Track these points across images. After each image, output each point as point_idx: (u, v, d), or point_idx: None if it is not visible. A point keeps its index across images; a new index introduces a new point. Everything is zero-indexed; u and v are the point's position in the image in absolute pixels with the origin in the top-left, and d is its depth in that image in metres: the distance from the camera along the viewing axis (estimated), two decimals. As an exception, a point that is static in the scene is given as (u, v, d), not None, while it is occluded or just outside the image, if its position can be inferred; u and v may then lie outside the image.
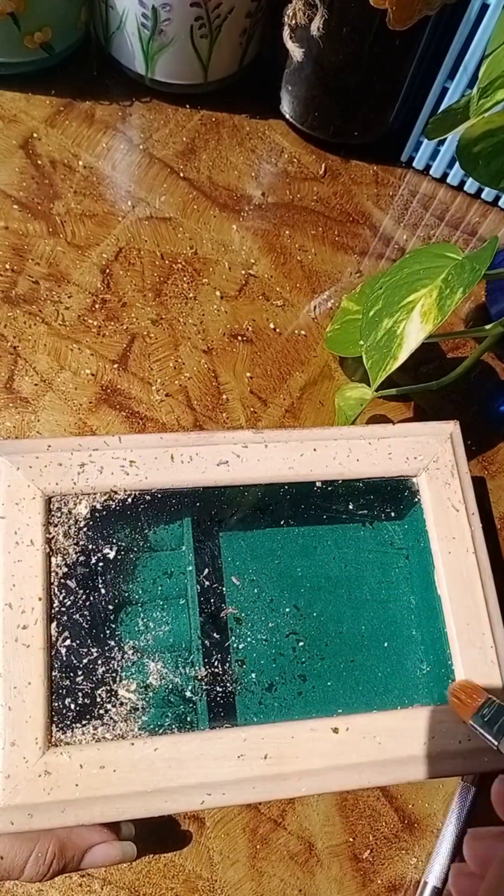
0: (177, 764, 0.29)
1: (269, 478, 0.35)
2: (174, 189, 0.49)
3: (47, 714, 0.29)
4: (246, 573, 0.35)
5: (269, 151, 0.52)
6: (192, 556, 0.35)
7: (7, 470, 0.32)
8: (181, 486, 0.34)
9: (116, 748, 0.29)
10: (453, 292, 0.32)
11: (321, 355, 0.46)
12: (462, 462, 0.37)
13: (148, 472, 0.34)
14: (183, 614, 0.34)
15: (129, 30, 0.47)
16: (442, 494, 0.36)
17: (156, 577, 0.34)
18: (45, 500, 0.32)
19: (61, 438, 0.34)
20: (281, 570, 0.36)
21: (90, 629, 0.32)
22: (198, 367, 0.44)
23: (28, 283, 0.44)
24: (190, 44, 0.47)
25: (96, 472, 0.33)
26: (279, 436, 0.36)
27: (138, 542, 0.35)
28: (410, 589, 0.36)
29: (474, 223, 0.53)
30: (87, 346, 0.43)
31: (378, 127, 0.52)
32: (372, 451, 0.36)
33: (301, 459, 0.35)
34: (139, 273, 0.46)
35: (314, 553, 0.36)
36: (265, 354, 0.45)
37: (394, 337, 0.33)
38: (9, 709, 0.29)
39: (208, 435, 0.35)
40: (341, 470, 0.36)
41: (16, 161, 0.47)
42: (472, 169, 0.36)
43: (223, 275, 0.47)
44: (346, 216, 0.51)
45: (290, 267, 0.48)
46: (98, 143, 0.49)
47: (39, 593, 0.31)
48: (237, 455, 0.35)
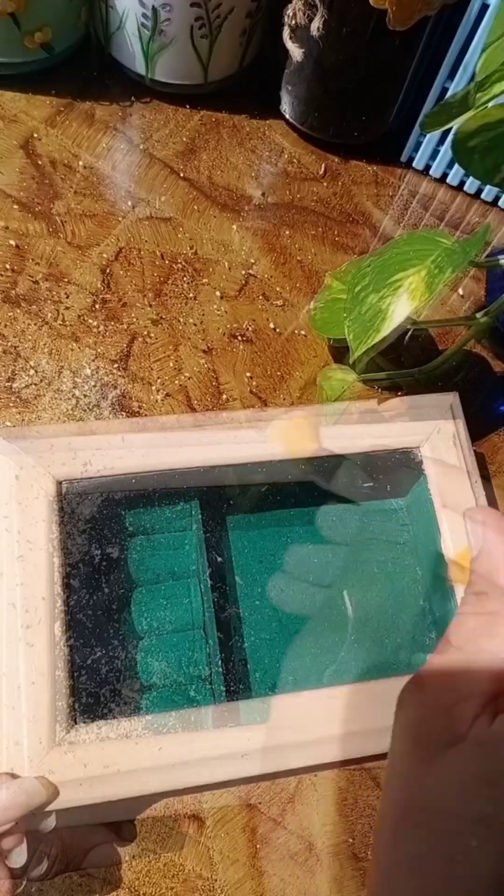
0: (197, 736, 0.29)
1: (273, 455, 0.35)
2: (174, 189, 0.49)
3: (51, 713, 0.29)
4: (255, 551, 0.35)
5: (269, 152, 0.52)
6: (201, 536, 0.35)
7: (17, 455, 0.32)
8: (186, 467, 0.34)
9: (121, 747, 0.29)
10: (442, 272, 0.31)
11: (321, 355, 0.46)
12: (462, 431, 0.37)
13: (154, 453, 0.34)
14: (195, 593, 0.34)
15: (129, 30, 0.47)
16: (445, 464, 0.36)
17: (167, 557, 0.35)
18: (56, 484, 0.32)
19: (69, 424, 0.34)
20: (289, 548, 0.36)
21: (94, 628, 0.32)
22: (198, 367, 0.44)
23: (28, 283, 0.44)
24: (190, 44, 0.47)
25: (102, 460, 0.33)
26: (282, 414, 0.36)
27: (147, 524, 0.35)
28: (417, 560, 0.37)
29: (474, 223, 0.53)
30: (88, 346, 0.43)
31: (378, 127, 0.52)
32: (374, 425, 0.36)
33: (304, 436, 0.36)
34: (139, 273, 0.46)
35: (321, 529, 0.36)
36: (265, 354, 0.45)
37: (378, 312, 0.33)
38: (12, 708, 0.29)
39: (212, 415, 0.35)
40: (345, 444, 0.36)
41: (16, 161, 0.47)
42: (467, 163, 0.36)
43: (223, 275, 0.47)
44: (345, 216, 0.51)
45: (289, 267, 0.48)
46: (98, 144, 0.49)
47: (55, 575, 0.31)
48: (241, 434, 0.35)
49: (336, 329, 0.41)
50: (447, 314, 0.49)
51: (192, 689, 0.32)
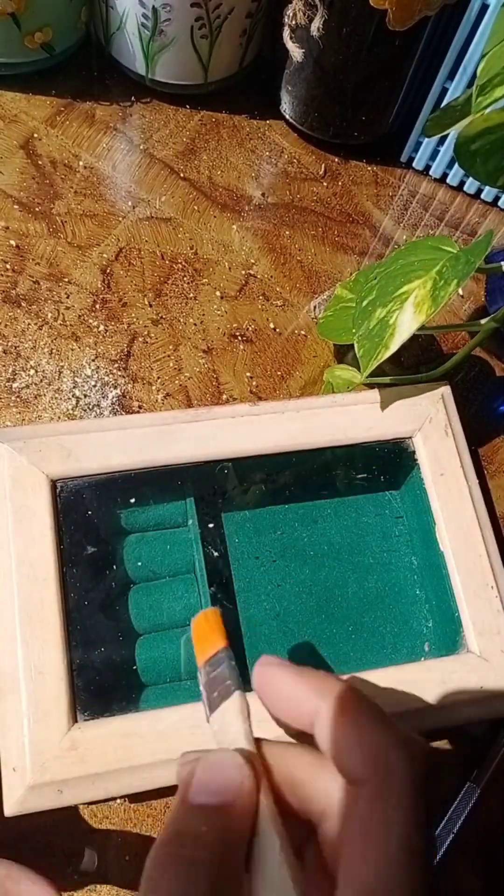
0: (200, 730, 0.29)
1: (268, 448, 0.35)
2: (174, 189, 0.49)
3: (69, 690, 0.30)
4: (251, 544, 0.36)
5: (269, 152, 0.52)
6: (197, 531, 0.35)
7: (10, 456, 0.32)
8: (180, 462, 0.34)
9: (140, 719, 0.30)
10: (447, 284, 0.32)
11: (321, 355, 0.46)
12: (455, 421, 0.37)
13: (148, 449, 0.34)
14: (192, 589, 0.34)
15: (129, 30, 0.47)
16: (438, 453, 0.36)
17: (164, 553, 0.35)
18: (50, 483, 0.33)
19: (62, 423, 0.34)
20: (284, 542, 0.36)
21: (93, 625, 0.32)
22: (198, 367, 0.44)
23: (28, 283, 0.44)
24: (190, 44, 0.47)
25: (99, 453, 0.34)
26: (275, 407, 0.36)
27: (143, 519, 0.35)
28: (412, 550, 0.37)
29: (474, 223, 0.53)
30: (88, 346, 0.43)
31: (378, 127, 0.52)
32: (366, 416, 0.37)
33: (298, 428, 0.36)
34: (139, 273, 0.46)
35: (315, 524, 0.37)
36: (265, 354, 0.45)
37: (386, 326, 0.33)
38: (31, 688, 0.29)
39: (205, 410, 0.35)
40: (338, 436, 0.36)
41: (16, 161, 0.47)
42: (469, 166, 0.36)
43: (223, 275, 0.47)
44: (345, 216, 0.51)
45: (289, 267, 0.48)
46: (98, 144, 0.49)
47: (52, 573, 0.31)
48: (235, 427, 0.35)
49: (344, 336, 0.42)
50: (447, 313, 0.49)
51: (191, 684, 0.32)
